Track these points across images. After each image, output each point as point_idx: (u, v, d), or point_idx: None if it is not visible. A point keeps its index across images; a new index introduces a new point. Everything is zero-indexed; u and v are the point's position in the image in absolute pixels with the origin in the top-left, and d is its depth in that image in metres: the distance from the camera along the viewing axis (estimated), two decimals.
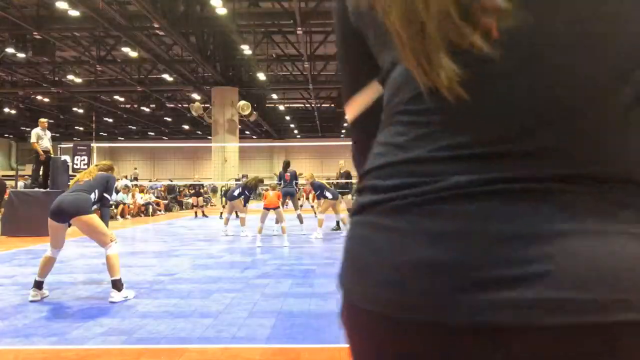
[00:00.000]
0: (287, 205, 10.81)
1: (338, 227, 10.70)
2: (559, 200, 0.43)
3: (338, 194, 9.98)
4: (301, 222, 10.35)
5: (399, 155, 0.50)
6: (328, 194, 9.67)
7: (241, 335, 3.30)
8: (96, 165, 4.94)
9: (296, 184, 11.45)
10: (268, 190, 8.91)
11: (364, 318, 0.50)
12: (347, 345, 0.54)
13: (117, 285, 4.31)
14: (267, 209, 8.42)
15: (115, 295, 4.28)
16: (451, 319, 0.43)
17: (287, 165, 11.47)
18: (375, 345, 0.49)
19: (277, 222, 9.42)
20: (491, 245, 0.43)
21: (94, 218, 4.37)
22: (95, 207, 4.56)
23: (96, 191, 4.55)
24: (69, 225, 4.41)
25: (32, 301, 4.27)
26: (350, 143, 0.69)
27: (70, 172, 11.89)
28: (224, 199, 14.10)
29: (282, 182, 11.00)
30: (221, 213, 14.49)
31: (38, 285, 4.36)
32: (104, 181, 4.65)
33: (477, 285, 0.42)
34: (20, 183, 17.73)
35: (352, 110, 0.65)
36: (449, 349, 0.44)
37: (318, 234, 9.45)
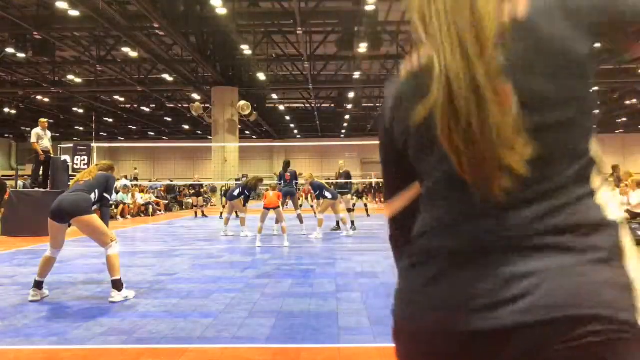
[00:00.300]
0: (287, 205, 10.81)
1: (338, 227, 10.70)
2: (542, 249, 0.66)
3: (337, 194, 9.98)
4: (301, 222, 10.35)
5: (440, 223, 0.75)
6: (327, 194, 9.67)
7: (241, 335, 3.31)
8: (96, 165, 4.94)
9: (296, 183, 11.45)
10: (268, 190, 8.92)
11: (414, 335, 0.73)
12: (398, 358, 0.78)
13: (117, 285, 4.31)
14: (267, 208, 8.44)
15: (115, 295, 4.28)
16: (475, 326, 0.66)
17: (287, 165, 11.47)
18: (420, 353, 0.73)
19: (277, 222, 9.43)
20: (498, 280, 0.66)
21: (94, 218, 4.37)
22: (95, 207, 4.56)
23: (96, 191, 4.55)
24: (69, 226, 4.41)
25: (32, 301, 4.28)
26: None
27: (70, 172, 11.88)
28: (224, 199, 14.10)
29: (282, 182, 11.00)
30: (221, 213, 14.50)
31: (38, 285, 4.36)
32: (104, 181, 4.65)
33: (491, 304, 0.66)
34: (20, 183, 17.69)
35: (393, 208, 0.89)
36: (474, 348, 0.66)
37: (318, 234, 9.46)
